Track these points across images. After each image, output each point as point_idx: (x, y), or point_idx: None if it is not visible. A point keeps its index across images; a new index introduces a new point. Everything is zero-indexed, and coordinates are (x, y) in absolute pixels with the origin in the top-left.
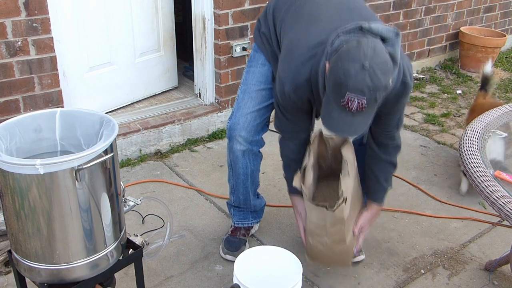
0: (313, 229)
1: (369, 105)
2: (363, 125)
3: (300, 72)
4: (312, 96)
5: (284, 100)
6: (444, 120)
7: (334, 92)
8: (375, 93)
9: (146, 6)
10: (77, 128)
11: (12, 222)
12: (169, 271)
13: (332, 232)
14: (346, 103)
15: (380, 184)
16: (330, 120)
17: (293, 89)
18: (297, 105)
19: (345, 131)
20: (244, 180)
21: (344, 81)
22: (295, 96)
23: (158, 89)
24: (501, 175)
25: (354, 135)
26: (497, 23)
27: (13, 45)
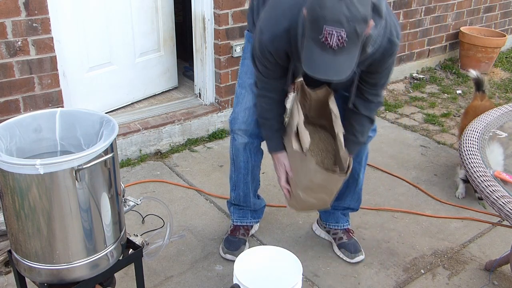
0: (312, 187)
1: (350, 39)
2: (347, 66)
3: (280, 21)
4: (290, 48)
5: (261, 50)
6: (444, 120)
7: (312, 30)
8: (354, 24)
9: (146, 6)
10: (77, 128)
11: (12, 222)
12: (169, 271)
13: (334, 191)
14: (325, 38)
15: (355, 136)
16: (312, 63)
17: (271, 39)
18: (273, 58)
19: (329, 73)
20: (245, 175)
21: (320, 13)
22: (272, 46)
23: (158, 89)
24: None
25: (339, 77)
26: (497, 23)
27: (13, 45)
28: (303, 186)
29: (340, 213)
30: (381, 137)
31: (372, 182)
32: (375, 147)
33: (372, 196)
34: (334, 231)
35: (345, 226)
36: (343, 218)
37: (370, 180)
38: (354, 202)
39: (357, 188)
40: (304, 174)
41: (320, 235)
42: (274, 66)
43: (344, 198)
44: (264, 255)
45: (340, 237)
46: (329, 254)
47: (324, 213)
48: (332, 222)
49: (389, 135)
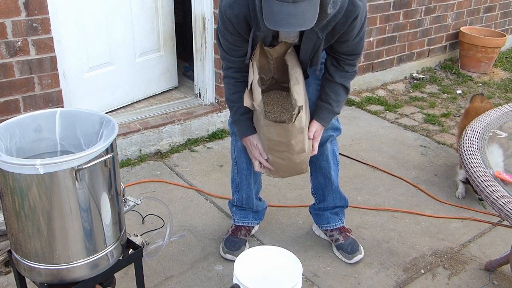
0: (272, 147)
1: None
2: (310, 15)
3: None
4: (248, 13)
5: (222, 20)
6: (444, 120)
7: None
8: None
9: (146, 6)
10: (77, 128)
11: (12, 222)
12: (169, 271)
13: (293, 145)
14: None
15: (330, 104)
16: (272, 16)
17: (230, 4)
18: (234, 28)
19: (291, 23)
20: (247, 176)
21: None
22: (232, 13)
23: (158, 89)
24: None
25: (302, 27)
26: (497, 23)
27: (13, 45)
28: (266, 147)
29: (329, 213)
30: (381, 137)
31: (372, 182)
32: (375, 147)
33: (372, 196)
34: (330, 233)
35: (338, 225)
36: (334, 217)
37: (370, 180)
38: (338, 200)
39: (334, 186)
40: (262, 134)
41: (320, 235)
42: (236, 39)
43: (326, 198)
44: (264, 255)
45: (337, 239)
46: (329, 254)
47: (315, 216)
48: (324, 224)
49: (389, 135)
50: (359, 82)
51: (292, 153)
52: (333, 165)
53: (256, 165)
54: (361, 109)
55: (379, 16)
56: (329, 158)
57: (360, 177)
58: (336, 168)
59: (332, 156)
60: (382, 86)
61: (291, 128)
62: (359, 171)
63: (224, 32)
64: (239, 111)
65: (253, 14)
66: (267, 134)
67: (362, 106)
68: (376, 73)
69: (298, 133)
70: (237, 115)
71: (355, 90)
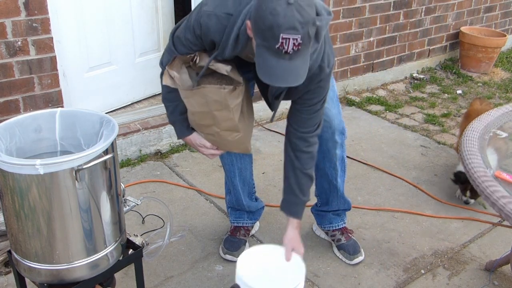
0: (198, 121)
1: (304, 42)
2: (303, 70)
3: (228, 3)
4: (221, 35)
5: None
6: (444, 120)
7: (266, 38)
8: (307, 27)
9: (146, 6)
10: (77, 128)
11: (12, 222)
12: (169, 271)
13: (219, 118)
14: (280, 45)
15: (296, 195)
16: (268, 71)
17: (209, 15)
18: (200, 35)
19: (288, 79)
20: (232, 178)
21: (274, 21)
22: (207, 22)
23: (158, 89)
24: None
25: (297, 83)
26: (498, 23)
27: (13, 45)
28: (194, 125)
29: (331, 214)
30: (381, 137)
31: (372, 182)
32: (375, 147)
33: (372, 196)
34: (332, 233)
35: (340, 225)
36: (336, 218)
37: (370, 180)
38: (342, 205)
39: (339, 193)
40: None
41: (320, 236)
42: (196, 43)
43: (330, 203)
44: (267, 254)
45: (338, 239)
46: (329, 254)
47: (317, 216)
48: (326, 224)
49: (389, 135)
50: (359, 82)
51: (219, 127)
52: (340, 172)
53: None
54: (361, 109)
55: (379, 16)
56: (337, 165)
57: (360, 177)
58: (342, 174)
59: (341, 163)
60: (382, 86)
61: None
62: (359, 171)
63: (188, 30)
64: (177, 111)
65: (225, 40)
66: (190, 108)
67: (362, 106)
68: (376, 73)
69: (223, 108)
70: (175, 115)
71: (355, 90)
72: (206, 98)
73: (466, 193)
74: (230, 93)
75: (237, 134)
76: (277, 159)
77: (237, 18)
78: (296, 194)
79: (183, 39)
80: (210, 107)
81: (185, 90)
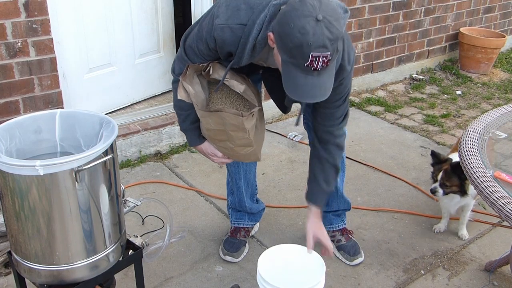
0: (213, 136)
1: (332, 58)
2: (329, 83)
3: (241, 14)
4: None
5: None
6: (444, 121)
7: (294, 56)
8: (336, 43)
9: (146, 7)
10: (77, 129)
11: (12, 223)
12: (169, 272)
13: (234, 137)
14: (310, 63)
15: (319, 185)
16: (297, 89)
17: (222, 27)
18: (215, 47)
19: (316, 95)
20: (237, 180)
21: (303, 40)
22: (221, 35)
23: (158, 90)
24: (501, 176)
25: (324, 97)
26: (497, 23)
27: (13, 46)
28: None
29: (331, 215)
30: (381, 138)
31: (372, 183)
32: (375, 148)
33: (372, 197)
34: (332, 234)
35: (340, 226)
36: (336, 219)
37: (370, 181)
38: (342, 205)
39: (339, 193)
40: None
41: None
42: (209, 54)
43: (330, 203)
44: (287, 253)
45: (339, 239)
46: None
47: None
48: (326, 225)
49: (389, 136)
50: (359, 83)
51: (234, 144)
52: (340, 172)
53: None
54: (361, 110)
55: (378, 17)
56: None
57: (360, 178)
58: (342, 174)
59: (340, 163)
60: (381, 87)
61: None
62: (359, 172)
63: (201, 43)
64: (189, 119)
65: (241, 49)
66: (205, 125)
67: (361, 107)
68: (376, 74)
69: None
70: (187, 124)
71: (354, 91)
72: (223, 120)
73: (436, 177)
74: (247, 118)
75: (250, 148)
76: (277, 159)
77: (252, 28)
78: (320, 184)
79: (196, 49)
80: (226, 127)
81: (202, 110)
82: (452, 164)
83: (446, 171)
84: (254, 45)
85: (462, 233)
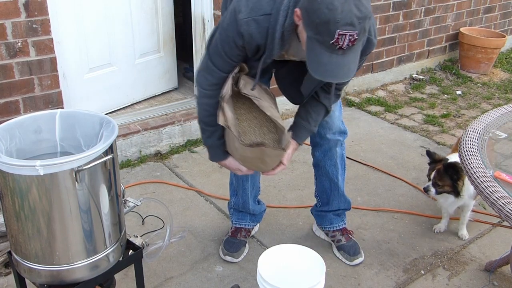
0: (246, 161)
1: (359, 38)
2: (354, 64)
3: (262, 4)
4: (265, 38)
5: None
6: (444, 121)
7: (320, 33)
8: (363, 23)
9: (146, 8)
10: (77, 129)
11: (12, 223)
12: (169, 272)
13: (269, 162)
14: (336, 41)
15: (309, 123)
16: (320, 67)
17: (247, 21)
18: (242, 44)
19: (339, 75)
20: (244, 181)
21: (331, 17)
22: (247, 28)
23: (158, 90)
24: (501, 176)
25: (348, 78)
26: (497, 23)
27: (13, 46)
28: (237, 157)
29: (332, 214)
30: (381, 138)
31: (372, 183)
32: (375, 148)
33: (372, 197)
34: (332, 234)
35: (341, 226)
36: (337, 218)
37: (370, 181)
38: (342, 204)
39: (340, 191)
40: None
41: (320, 236)
42: (238, 53)
43: (331, 202)
44: (287, 253)
45: (339, 239)
46: (329, 255)
47: (318, 216)
48: (326, 225)
49: (389, 136)
50: (359, 83)
51: (267, 166)
52: (341, 170)
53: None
54: (361, 110)
55: (379, 17)
56: (338, 163)
57: (360, 178)
58: (343, 173)
59: (341, 161)
60: (382, 87)
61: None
62: (359, 172)
63: (227, 43)
64: (215, 136)
65: (271, 40)
66: (241, 152)
67: (362, 107)
68: (376, 74)
69: (276, 156)
70: (213, 140)
71: (354, 91)
72: (262, 152)
73: (430, 176)
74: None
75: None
76: None
77: (278, 16)
78: (309, 121)
79: (222, 53)
80: (265, 157)
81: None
82: (445, 164)
83: (438, 170)
84: (282, 33)
85: (462, 233)
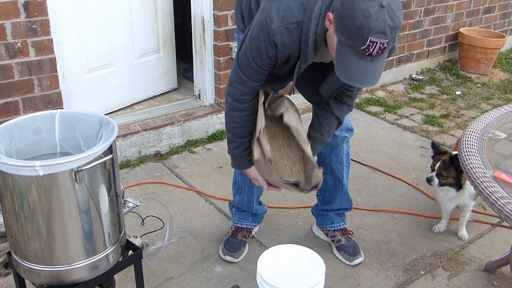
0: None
1: (388, 46)
2: (380, 71)
3: (294, 11)
4: (298, 44)
5: (264, 41)
6: (443, 121)
7: (352, 39)
8: (395, 32)
9: (145, 8)
10: (76, 130)
11: (12, 224)
12: (169, 273)
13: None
14: (366, 47)
15: (322, 135)
16: (347, 71)
17: (280, 31)
18: (275, 54)
19: (365, 80)
20: (250, 181)
21: (365, 24)
22: (280, 38)
23: (158, 90)
24: (500, 176)
25: (373, 84)
26: (497, 24)
27: (13, 47)
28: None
29: (333, 213)
30: (381, 138)
31: (371, 183)
32: (375, 148)
33: (372, 197)
34: (332, 233)
35: (341, 226)
36: (337, 218)
37: (369, 181)
38: (345, 203)
39: (344, 189)
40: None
41: (320, 236)
42: (269, 63)
43: (334, 200)
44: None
45: (339, 239)
46: (328, 255)
47: (318, 216)
48: (327, 224)
49: (389, 136)
50: None
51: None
52: (346, 167)
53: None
54: (361, 110)
55: None
56: (343, 159)
57: (360, 178)
58: (347, 171)
59: (346, 158)
60: (381, 87)
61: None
62: (359, 172)
63: (257, 54)
64: (242, 147)
65: (304, 47)
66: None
67: (361, 107)
68: None
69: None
70: (239, 151)
71: None
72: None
73: (434, 167)
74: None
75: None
76: None
77: (309, 23)
78: (322, 133)
79: (253, 64)
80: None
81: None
82: (451, 156)
83: (444, 161)
84: (315, 40)
85: (462, 234)
